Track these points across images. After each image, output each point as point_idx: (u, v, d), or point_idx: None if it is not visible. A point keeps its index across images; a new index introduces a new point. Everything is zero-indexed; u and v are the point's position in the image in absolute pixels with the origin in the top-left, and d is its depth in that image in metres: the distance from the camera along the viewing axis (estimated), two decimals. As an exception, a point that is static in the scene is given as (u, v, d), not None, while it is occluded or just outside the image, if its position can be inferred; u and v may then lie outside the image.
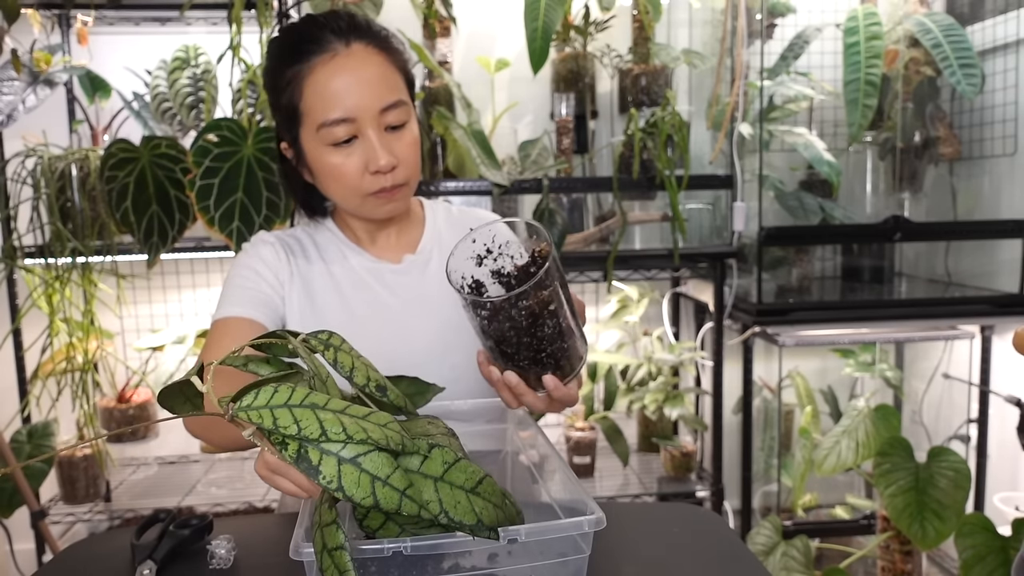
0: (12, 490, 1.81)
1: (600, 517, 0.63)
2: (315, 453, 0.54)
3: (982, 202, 2.11)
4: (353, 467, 0.54)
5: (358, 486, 0.54)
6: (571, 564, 0.67)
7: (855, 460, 1.83)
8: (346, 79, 0.95)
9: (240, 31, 1.68)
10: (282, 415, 0.54)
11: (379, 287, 1.06)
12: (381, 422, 0.57)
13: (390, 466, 0.55)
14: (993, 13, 2.02)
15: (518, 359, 0.76)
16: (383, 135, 0.97)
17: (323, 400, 0.56)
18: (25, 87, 1.83)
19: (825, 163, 1.91)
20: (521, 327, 0.73)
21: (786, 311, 1.91)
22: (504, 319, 0.73)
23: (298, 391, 0.56)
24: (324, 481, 0.54)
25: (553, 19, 1.74)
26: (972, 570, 1.56)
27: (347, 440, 0.54)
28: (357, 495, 0.54)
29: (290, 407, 0.55)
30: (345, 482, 0.54)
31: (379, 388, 0.64)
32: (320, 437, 0.54)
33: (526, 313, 0.73)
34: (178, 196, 1.75)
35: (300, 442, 0.54)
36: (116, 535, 0.90)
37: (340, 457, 0.54)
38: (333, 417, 0.55)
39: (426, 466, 0.58)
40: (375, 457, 0.55)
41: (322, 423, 0.54)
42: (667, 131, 1.83)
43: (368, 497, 0.54)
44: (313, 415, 0.55)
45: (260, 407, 0.55)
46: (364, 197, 0.99)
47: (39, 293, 1.90)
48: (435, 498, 0.57)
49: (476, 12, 2.19)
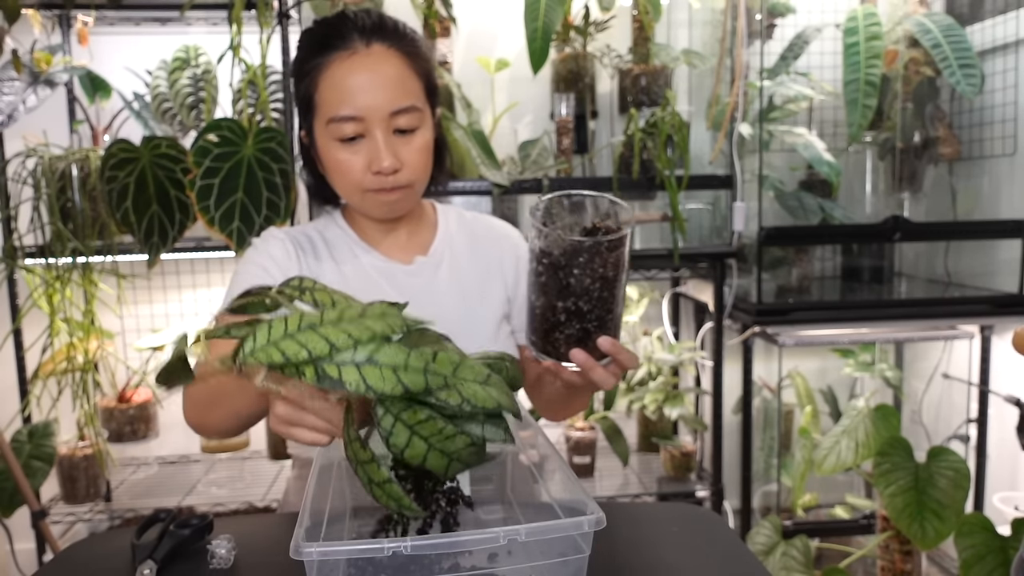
0: (12, 490, 1.81)
1: (600, 517, 0.63)
2: (332, 368, 0.56)
3: (982, 202, 2.11)
4: (372, 366, 0.56)
5: (383, 380, 0.56)
6: (571, 564, 0.67)
7: (855, 460, 1.83)
8: (360, 78, 0.96)
9: (240, 31, 1.68)
10: (288, 345, 0.55)
11: (389, 287, 1.06)
12: (378, 312, 0.59)
13: (403, 352, 0.57)
14: (992, 13, 2.02)
15: (589, 318, 0.76)
16: (390, 137, 0.97)
17: (317, 318, 0.57)
18: (26, 87, 1.83)
19: (825, 163, 1.91)
20: (607, 278, 0.75)
21: (786, 311, 1.91)
22: (593, 269, 0.74)
23: (291, 319, 0.57)
24: (352, 387, 0.55)
25: (553, 19, 1.74)
26: (972, 570, 1.56)
27: (356, 343, 0.56)
28: (386, 388, 0.56)
29: (292, 336, 0.56)
30: (371, 381, 0.56)
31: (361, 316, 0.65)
32: (331, 351, 0.55)
33: (612, 263, 0.74)
34: (178, 196, 1.75)
35: (314, 364, 0.56)
36: (116, 535, 0.90)
37: (356, 362, 0.56)
38: (335, 329, 0.56)
39: (437, 365, 0.59)
40: (387, 349, 0.57)
41: (327, 338, 0.56)
42: (667, 131, 1.83)
43: (396, 386, 0.56)
44: (315, 334, 0.56)
45: (265, 346, 0.56)
46: (364, 193, 1.00)
47: (39, 293, 1.90)
48: (454, 391, 0.59)
49: (476, 12, 2.19)
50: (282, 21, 1.83)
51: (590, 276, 0.75)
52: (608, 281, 0.75)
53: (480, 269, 1.12)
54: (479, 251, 1.14)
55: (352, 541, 0.62)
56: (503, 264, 1.14)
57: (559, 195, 0.81)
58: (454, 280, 1.10)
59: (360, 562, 0.70)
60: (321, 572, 0.63)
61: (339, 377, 0.55)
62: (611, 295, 0.76)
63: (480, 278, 1.12)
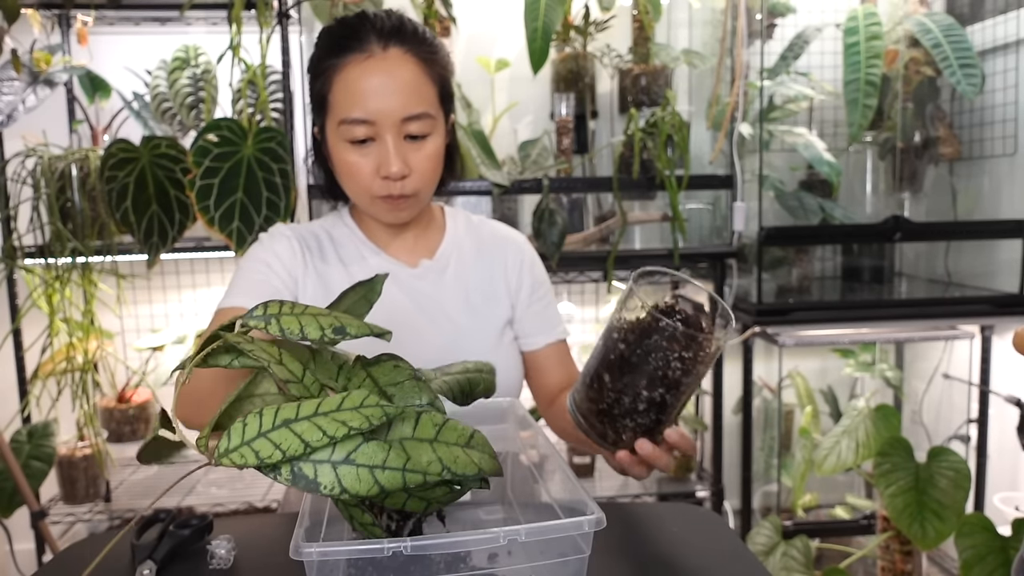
0: (12, 490, 1.81)
1: (600, 517, 0.63)
2: (308, 467, 0.54)
3: (982, 202, 2.11)
4: (348, 466, 0.54)
5: (359, 481, 0.54)
6: (571, 564, 0.67)
7: (855, 460, 1.82)
8: (373, 82, 0.95)
9: (240, 31, 1.68)
10: (262, 446, 0.54)
11: (395, 289, 1.06)
12: (356, 404, 0.57)
13: (383, 450, 0.55)
14: (993, 13, 2.02)
15: (668, 410, 0.70)
16: (401, 143, 0.97)
17: (293, 412, 0.55)
18: (25, 87, 1.82)
19: (825, 163, 1.91)
20: (700, 375, 0.68)
21: (786, 311, 1.91)
22: (695, 362, 0.67)
23: (266, 414, 0.55)
24: (326, 491, 0.54)
25: (553, 19, 1.74)
26: (972, 570, 1.56)
27: (332, 442, 0.54)
28: (362, 489, 0.54)
29: (265, 435, 0.54)
30: (347, 483, 0.54)
31: (337, 331, 0.63)
32: (306, 451, 0.54)
33: (709, 361, 0.68)
34: (178, 196, 1.75)
35: (290, 464, 0.54)
36: (116, 535, 0.90)
37: (333, 462, 0.54)
38: (310, 425, 0.54)
39: (419, 431, 0.59)
40: (366, 448, 0.55)
41: (301, 436, 0.54)
42: (667, 131, 1.83)
43: (373, 487, 0.54)
44: (290, 432, 0.54)
45: (238, 447, 0.54)
46: (372, 199, 1.00)
47: (39, 293, 1.90)
48: (434, 458, 0.57)
49: (476, 12, 2.19)
50: (282, 21, 1.83)
51: (689, 370, 0.68)
52: (699, 377, 0.70)
53: (485, 275, 1.12)
54: (485, 256, 1.14)
55: (352, 541, 0.62)
56: (507, 270, 1.14)
57: (652, 271, 0.74)
58: (459, 285, 1.10)
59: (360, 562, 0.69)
60: (321, 572, 0.62)
61: (315, 478, 0.54)
62: (692, 390, 0.71)
63: (484, 283, 1.12)
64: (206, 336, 0.63)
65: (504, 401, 0.96)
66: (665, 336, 0.67)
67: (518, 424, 0.91)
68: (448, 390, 0.71)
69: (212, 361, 0.63)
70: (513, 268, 1.14)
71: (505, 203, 1.99)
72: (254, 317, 0.62)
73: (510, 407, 0.95)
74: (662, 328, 0.67)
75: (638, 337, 0.68)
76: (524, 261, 1.15)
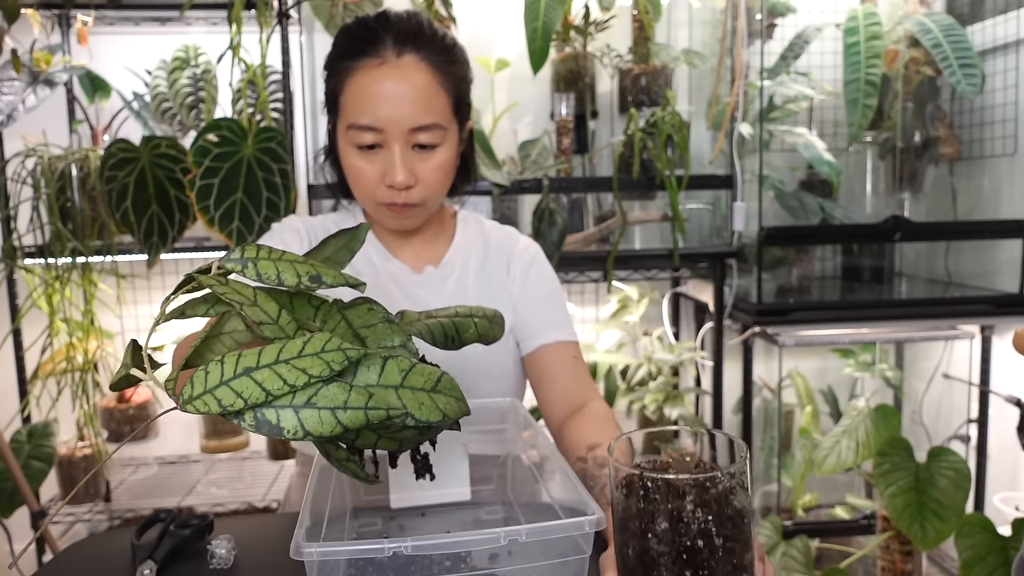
0: (12, 490, 1.81)
1: (601, 517, 0.63)
2: (271, 413, 0.54)
3: (982, 202, 2.11)
4: (310, 410, 0.54)
5: (321, 423, 0.54)
6: (571, 564, 0.67)
7: (855, 460, 1.82)
8: (385, 89, 0.94)
9: (240, 31, 1.68)
10: (224, 394, 0.54)
11: (397, 291, 1.06)
12: (318, 348, 0.56)
13: (344, 391, 0.55)
14: (993, 13, 2.02)
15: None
16: (408, 152, 0.96)
17: (254, 359, 0.55)
18: (25, 87, 1.82)
19: (825, 163, 1.91)
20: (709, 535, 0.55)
21: (786, 311, 1.91)
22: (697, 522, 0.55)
23: (228, 361, 0.55)
24: (289, 435, 0.54)
25: (553, 19, 1.74)
26: (972, 570, 1.56)
27: (292, 389, 0.54)
28: (324, 430, 0.54)
29: (227, 384, 0.54)
30: (309, 426, 0.54)
31: (313, 279, 0.62)
32: (267, 399, 0.54)
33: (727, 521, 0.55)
34: (178, 196, 1.75)
35: (252, 410, 0.54)
36: (116, 535, 0.90)
37: (295, 407, 0.54)
38: (271, 373, 0.54)
39: (384, 377, 0.58)
40: (326, 391, 0.55)
41: (262, 385, 0.54)
42: (667, 131, 1.83)
43: (336, 427, 0.54)
44: (251, 381, 0.54)
45: (201, 394, 0.54)
46: (377, 205, 1.00)
47: (39, 293, 1.90)
48: (398, 404, 0.57)
49: (476, 12, 2.19)
50: (282, 21, 1.83)
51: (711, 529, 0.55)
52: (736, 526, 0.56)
53: (486, 284, 1.11)
54: (489, 265, 1.13)
55: (352, 541, 0.62)
56: (510, 278, 1.12)
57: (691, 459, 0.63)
58: (458, 295, 1.09)
59: (360, 562, 0.70)
60: (321, 572, 0.62)
61: (277, 423, 0.54)
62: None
63: (484, 293, 1.10)
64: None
65: (504, 401, 0.96)
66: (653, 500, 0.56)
67: (518, 424, 0.91)
68: (428, 333, 0.69)
69: (190, 311, 0.63)
70: (514, 275, 1.12)
71: (505, 203, 1.99)
72: (231, 260, 0.62)
73: (510, 407, 0.95)
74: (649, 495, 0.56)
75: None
76: (526, 265, 1.13)
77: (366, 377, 0.58)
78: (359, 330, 0.64)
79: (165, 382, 0.59)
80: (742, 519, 0.56)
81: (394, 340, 0.64)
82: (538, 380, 1.11)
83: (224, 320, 0.63)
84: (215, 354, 0.61)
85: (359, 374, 0.58)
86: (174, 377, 0.59)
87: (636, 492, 0.56)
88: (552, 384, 1.09)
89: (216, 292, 0.59)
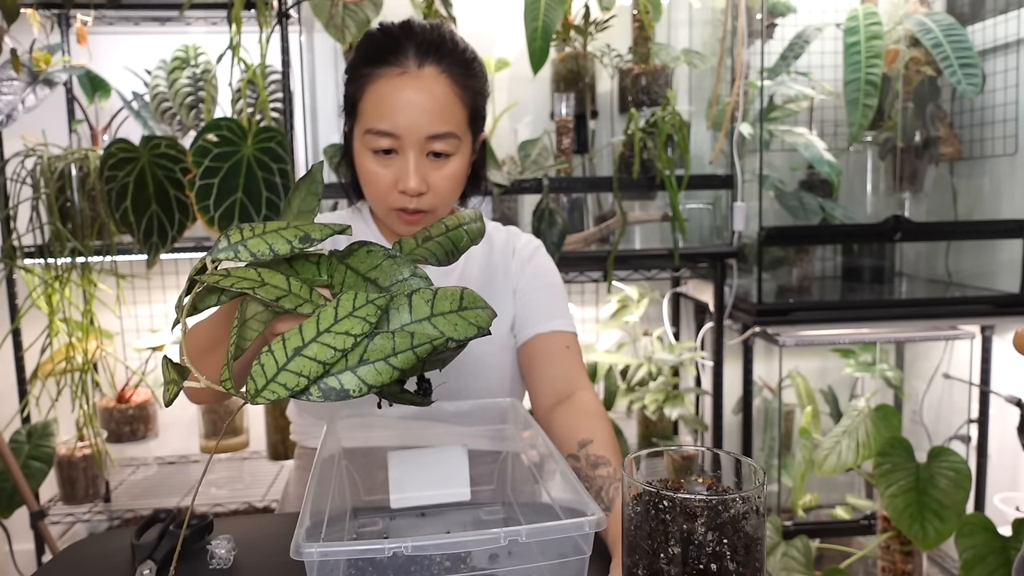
0: (11, 490, 1.81)
1: (601, 518, 0.63)
2: (333, 381, 0.57)
3: (982, 202, 2.11)
4: (365, 367, 0.58)
5: (379, 374, 0.58)
6: (571, 565, 0.66)
7: (855, 460, 1.82)
8: (404, 98, 0.96)
9: (240, 31, 1.68)
10: (286, 378, 0.57)
11: None
12: (349, 309, 0.59)
13: (388, 340, 0.59)
14: (994, 13, 2.02)
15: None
16: (422, 159, 0.98)
17: (299, 338, 0.58)
18: (24, 87, 1.82)
19: (825, 163, 1.91)
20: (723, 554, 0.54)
21: (786, 311, 1.91)
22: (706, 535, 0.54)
23: (276, 349, 0.58)
24: (355, 394, 0.57)
25: (553, 19, 1.74)
26: (973, 570, 1.55)
27: (344, 353, 0.58)
28: (383, 379, 0.58)
29: (285, 368, 0.57)
30: (370, 380, 0.58)
31: (303, 239, 0.64)
32: (325, 370, 0.57)
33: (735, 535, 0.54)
34: (178, 196, 1.75)
35: (315, 384, 0.58)
36: (116, 535, 0.90)
37: (351, 368, 0.58)
38: (319, 347, 0.58)
39: (415, 312, 0.62)
40: (374, 345, 0.59)
41: (316, 359, 0.57)
42: (667, 131, 1.83)
43: (392, 373, 0.58)
44: (305, 359, 0.57)
45: (266, 385, 0.57)
46: (388, 209, 1.01)
47: (39, 293, 1.90)
48: (436, 333, 0.61)
49: (476, 12, 2.19)
50: (281, 21, 1.82)
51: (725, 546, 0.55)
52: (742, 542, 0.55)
53: (490, 281, 1.12)
54: (494, 261, 1.14)
55: (352, 541, 0.62)
56: (509, 275, 1.13)
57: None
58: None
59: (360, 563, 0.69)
60: (321, 572, 0.62)
61: (341, 387, 0.57)
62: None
63: (489, 290, 1.11)
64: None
65: (504, 401, 0.96)
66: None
67: (518, 424, 0.91)
68: (431, 255, 0.72)
69: (202, 305, 0.65)
70: (516, 269, 1.14)
71: (505, 203, 1.99)
72: (221, 250, 0.63)
73: (510, 407, 0.94)
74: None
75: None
76: (526, 258, 1.14)
77: (399, 319, 0.61)
78: (367, 274, 0.66)
79: (222, 382, 0.62)
80: (756, 545, 0.55)
81: (403, 272, 0.66)
82: (528, 367, 1.10)
83: (245, 306, 0.65)
84: (248, 340, 0.64)
85: (392, 318, 0.61)
86: (228, 377, 0.61)
87: (649, 509, 0.55)
88: (541, 370, 1.08)
89: (224, 287, 0.61)
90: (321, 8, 1.79)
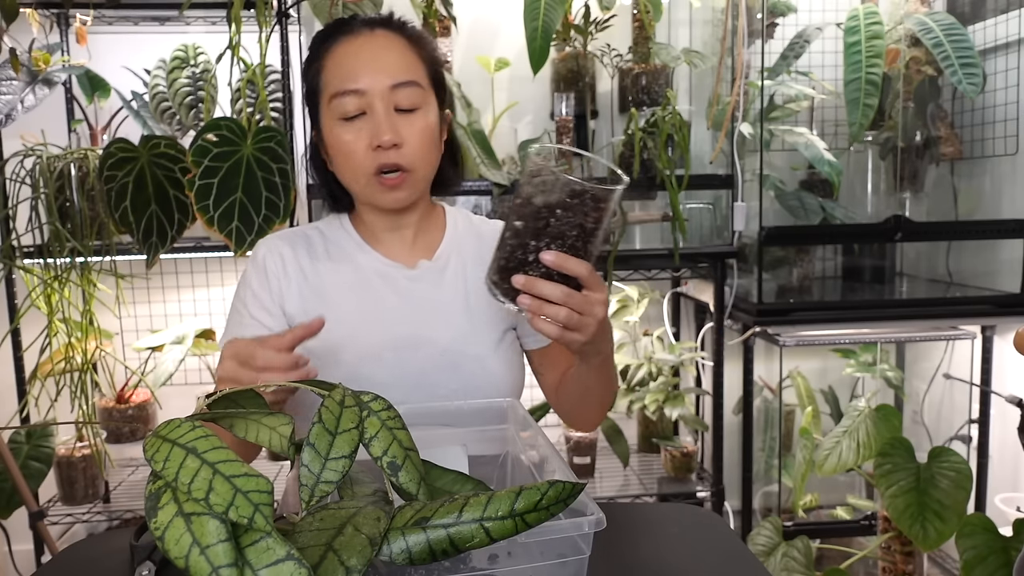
0: (11, 491, 1.81)
1: (600, 518, 0.63)
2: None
3: (983, 202, 2.11)
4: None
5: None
6: (571, 565, 0.66)
7: (856, 460, 1.82)
8: (363, 56, 0.99)
9: (239, 31, 1.67)
10: None
11: (387, 290, 1.05)
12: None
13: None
14: (994, 12, 2.02)
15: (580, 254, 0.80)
16: (391, 114, 0.98)
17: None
18: (24, 87, 1.82)
19: (826, 163, 1.91)
20: (585, 228, 0.79)
21: (787, 311, 1.91)
22: (576, 215, 0.78)
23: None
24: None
25: (553, 19, 1.73)
26: (973, 571, 1.55)
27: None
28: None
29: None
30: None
31: (392, 466, 0.60)
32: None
33: (594, 216, 0.78)
34: (177, 196, 1.75)
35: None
36: (115, 536, 0.90)
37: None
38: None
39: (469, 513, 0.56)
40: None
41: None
42: (667, 131, 1.82)
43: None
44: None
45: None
46: (369, 178, 0.99)
47: (38, 293, 1.90)
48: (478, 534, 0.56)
49: (476, 12, 2.19)
50: (281, 20, 1.82)
51: (570, 222, 0.78)
52: (585, 232, 0.78)
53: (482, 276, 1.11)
54: (486, 256, 1.12)
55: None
56: None
57: (559, 148, 0.87)
58: (458, 286, 1.08)
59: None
60: (319, 574, 0.62)
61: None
62: (583, 247, 0.79)
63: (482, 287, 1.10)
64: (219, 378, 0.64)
65: (504, 401, 0.96)
66: (546, 194, 0.80)
67: (518, 424, 0.91)
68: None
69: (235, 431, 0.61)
70: None
71: (505, 203, 1.99)
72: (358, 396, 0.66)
73: (510, 407, 0.94)
74: (542, 185, 0.80)
75: (523, 198, 0.81)
76: None
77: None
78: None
79: None
80: (594, 233, 0.79)
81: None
82: (539, 369, 1.16)
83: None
84: None
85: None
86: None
87: (532, 179, 0.81)
88: (556, 369, 1.14)
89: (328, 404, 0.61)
90: (321, 8, 1.79)
